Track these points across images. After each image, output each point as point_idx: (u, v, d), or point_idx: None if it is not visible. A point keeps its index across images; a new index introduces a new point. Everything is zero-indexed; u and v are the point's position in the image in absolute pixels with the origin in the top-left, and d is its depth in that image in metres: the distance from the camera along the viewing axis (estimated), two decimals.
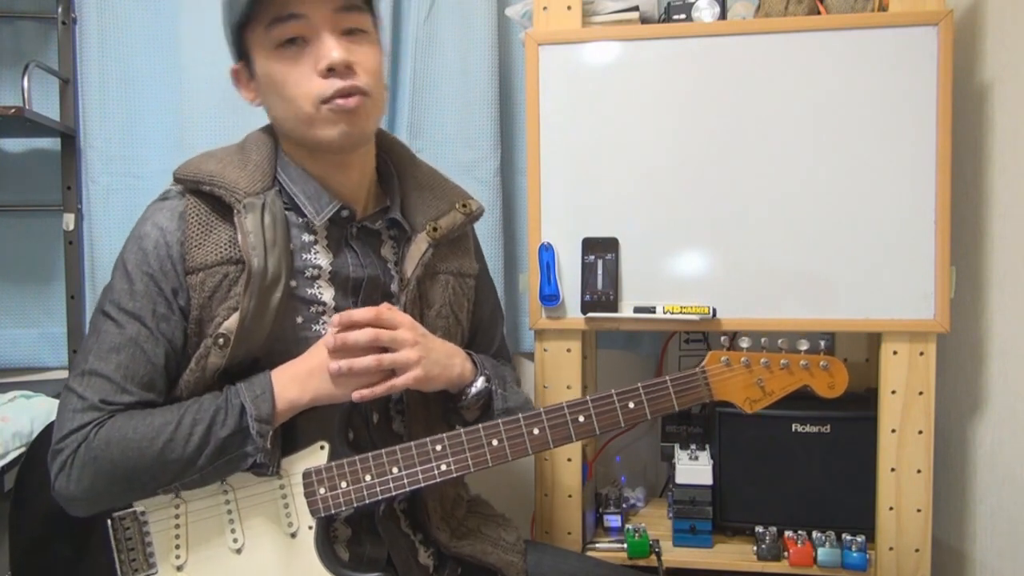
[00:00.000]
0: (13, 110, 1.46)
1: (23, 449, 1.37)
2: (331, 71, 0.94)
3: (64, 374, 1.73)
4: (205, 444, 0.90)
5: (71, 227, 1.67)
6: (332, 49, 0.94)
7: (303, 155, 1.02)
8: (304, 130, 0.97)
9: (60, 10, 1.64)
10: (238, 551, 0.96)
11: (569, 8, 1.41)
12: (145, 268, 0.95)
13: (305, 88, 0.94)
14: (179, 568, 0.95)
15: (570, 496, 1.47)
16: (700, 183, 1.37)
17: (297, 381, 0.95)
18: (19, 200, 1.71)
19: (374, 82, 0.98)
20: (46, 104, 1.65)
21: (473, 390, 1.06)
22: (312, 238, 1.02)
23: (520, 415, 1.00)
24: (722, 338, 1.06)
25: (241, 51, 1.01)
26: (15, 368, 1.72)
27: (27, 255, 1.72)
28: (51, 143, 1.69)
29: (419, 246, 1.07)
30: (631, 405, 1.00)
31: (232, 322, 0.93)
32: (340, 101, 0.94)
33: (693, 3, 1.41)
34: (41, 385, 1.61)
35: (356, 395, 0.95)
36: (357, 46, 0.97)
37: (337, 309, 1.01)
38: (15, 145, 1.71)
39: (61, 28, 1.65)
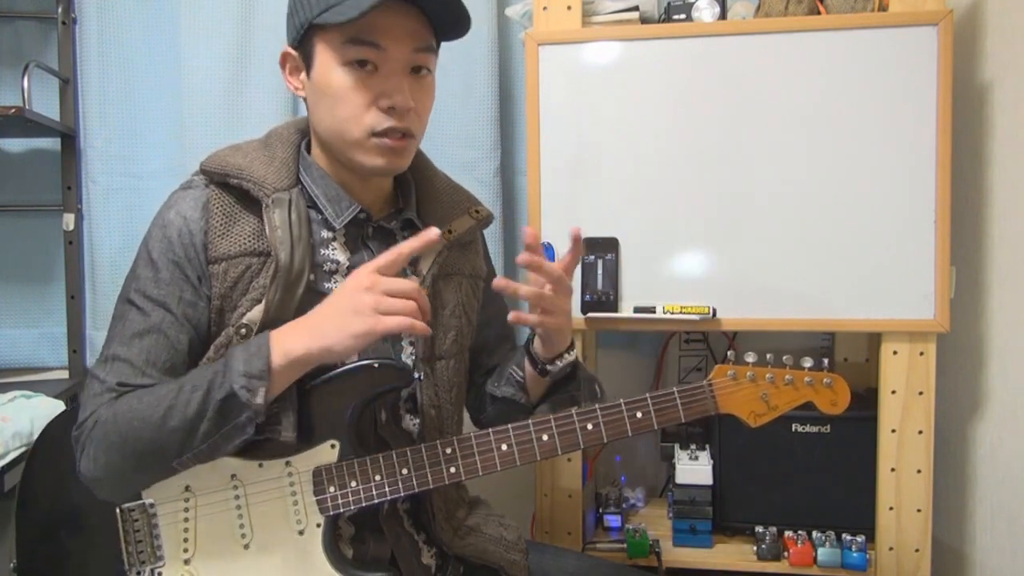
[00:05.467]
0: (13, 110, 1.45)
1: (23, 449, 1.38)
2: (391, 110, 0.96)
3: (64, 374, 1.72)
4: (205, 409, 0.89)
5: (71, 227, 1.67)
6: (400, 91, 0.95)
7: (329, 160, 1.04)
8: (343, 148, 0.99)
9: (60, 10, 1.64)
10: (246, 546, 0.96)
11: (569, 8, 1.41)
12: (171, 256, 0.96)
13: (360, 114, 0.96)
14: (186, 561, 0.96)
15: (570, 496, 1.47)
16: (700, 183, 1.37)
17: (293, 331, 0.92)
18: (19, 200, 1.71)
19: (423, 124, 1.02)
20: (46, 104, 1.65)
21: (569, 357, 1.09)
22: (331, 235, 1.03)
23: (530, 420, 1.00)
24: (729, 352, 1.06)
25: (302, 41, 0.99)
26: (15, 368, 1.72)
27: (27, 255, 1.72)
28: (51, 143, 1.69)
29: (434, 246, 1.07)
30: (639, 415, 1.01)
31: (256, 313, 0.94)
32: (388, 141, 0.97)
33: (693, 3, 1.41)
34: (41, 385, 1.61)
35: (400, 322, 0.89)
36: (419, 87, 0.99)
37: None
38: (15, 145, 1.71)
39: (61, 28, 1.65)
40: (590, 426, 1.01)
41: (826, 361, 1.05)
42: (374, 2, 0.90)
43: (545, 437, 1.00)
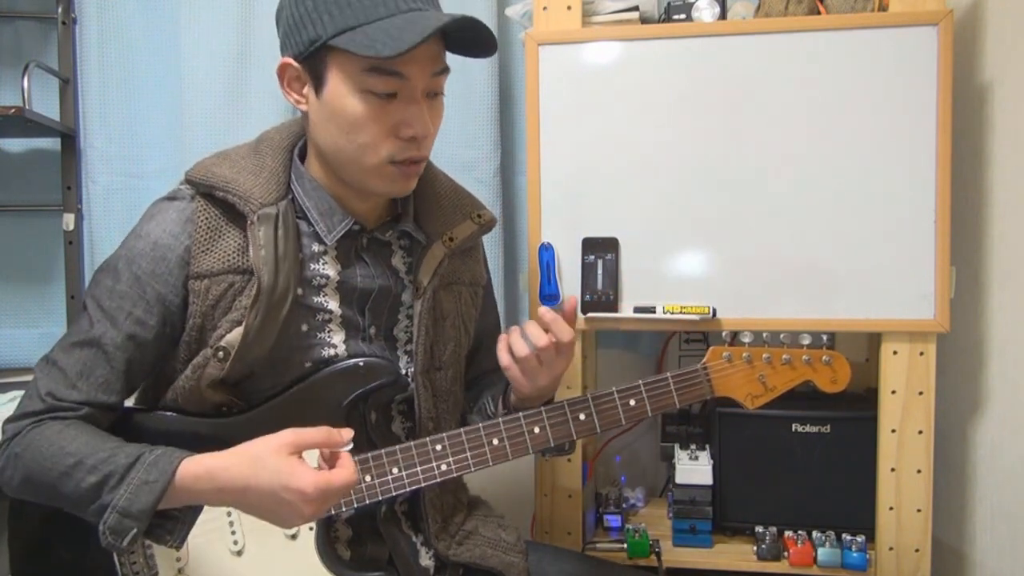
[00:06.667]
0: (13, 110, 1.45)
1: None
2: (412, 139, 0.94)
3: None
4: (92, 498, 0.86)
5: (71, 227, 1.67)
6: (420, 120, 0.93)
7: (327, 172, 1.00)
8: (355, 173, 0.96)
9: (60, 10, 1.64)
10: (238, 553, 0.96)
11: (569, 8, 1.41)
12: (135, 268, 0.94)
13: (379, 143, 0.93)
14: (180, 571, 0.95)
15: (570, 496, 1.47)
16: (700, 183, 1.37)
17: (210, 484, 0.85)
18: (19, 200, 1.71)
19: (432, 143, 0.99)
20: (46, 104, 1.65)
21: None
22: (322, 248, 1.01)
23: (520, 413, 1.00)
24: (723, 333, 1.06)
25: (308, 55, 0.93)
26: (15, 368, 1.72)
27: (27, 255, 1.72)
28: (51, 143, 1.69)
29: (435, 256, 1.06)
30: (632, 402, 1.01)
31: (235, 336, 0.92)
32: (405, 168, 0.95)
33: (693, 3, 1.41)
34: None
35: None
36: (433, 109, 0.97)
37: (343, 317, 1.01)
38: (15, 145, 1.71)
39: (61, 28, 1.65)
40: (582, 416, 1.00)
41: (825, 338, 1.04)
42: (414, 42, 0.85)
43: (537, 429, 0.99)
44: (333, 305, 1.00)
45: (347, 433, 0.88)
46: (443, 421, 1.09)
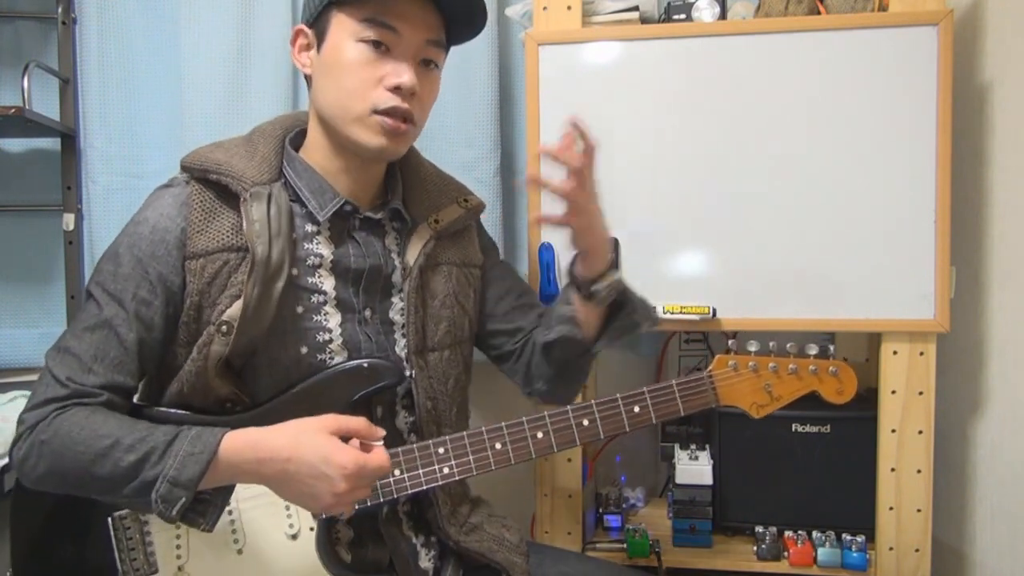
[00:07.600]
0: (13, 110, 1.45)
1: None
2: (397, 90, 0.98)
3: None
4: (131, 476, 0.88)
5: (71, 227, 1.67)
6: (407, 73, 0.98)
7: (324, 145, 1.04)
8: (343, 123, 1.00)
9: (60, 10, 1.64)
10: (239, 552, 0.96)
11: (569, 8, 1.41)
12: (135, 251, 0.96)
13: (367, 90, 0.98)
14: (180, 568, 0.96)
15: (570, 496, 1.47)
16: (700, 183, 1.37)
17: (251, 460, 0.89)
18: (19, 200, 1.71)
19: (423, 115, 1.04)
20: (46, 104, 1.65)
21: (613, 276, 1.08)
22: (315, 228, 1.03)
23: (524, 418, 1.00)
24: (729, 341, 1.06)
25: (317, 18, 1.01)
26: (15, 368, 1.71)
27: (27, 255, 1.72)
28: (51, 143, 1.69)
29: (421, 237, 1.09)
30: (636, 409, 1.01)
31: (235, 310, 0.94)
32: (390, 121, 0.98)
33: (693, 3, 1.41)
34: None
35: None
36: (426, 77, 1.02)
37: (338, 299, 1.02)
38: (15, 145, 1.71)
39: (61, 28, 1.65)
40: (586, 422, 1.00)
41: (832, 348, 1.04)
42: None
43: (540, 434, 0.99)
44: (328, 286, 1.02)
45: (381, 432, 0.94)
46: (442, 404, 1.09)
